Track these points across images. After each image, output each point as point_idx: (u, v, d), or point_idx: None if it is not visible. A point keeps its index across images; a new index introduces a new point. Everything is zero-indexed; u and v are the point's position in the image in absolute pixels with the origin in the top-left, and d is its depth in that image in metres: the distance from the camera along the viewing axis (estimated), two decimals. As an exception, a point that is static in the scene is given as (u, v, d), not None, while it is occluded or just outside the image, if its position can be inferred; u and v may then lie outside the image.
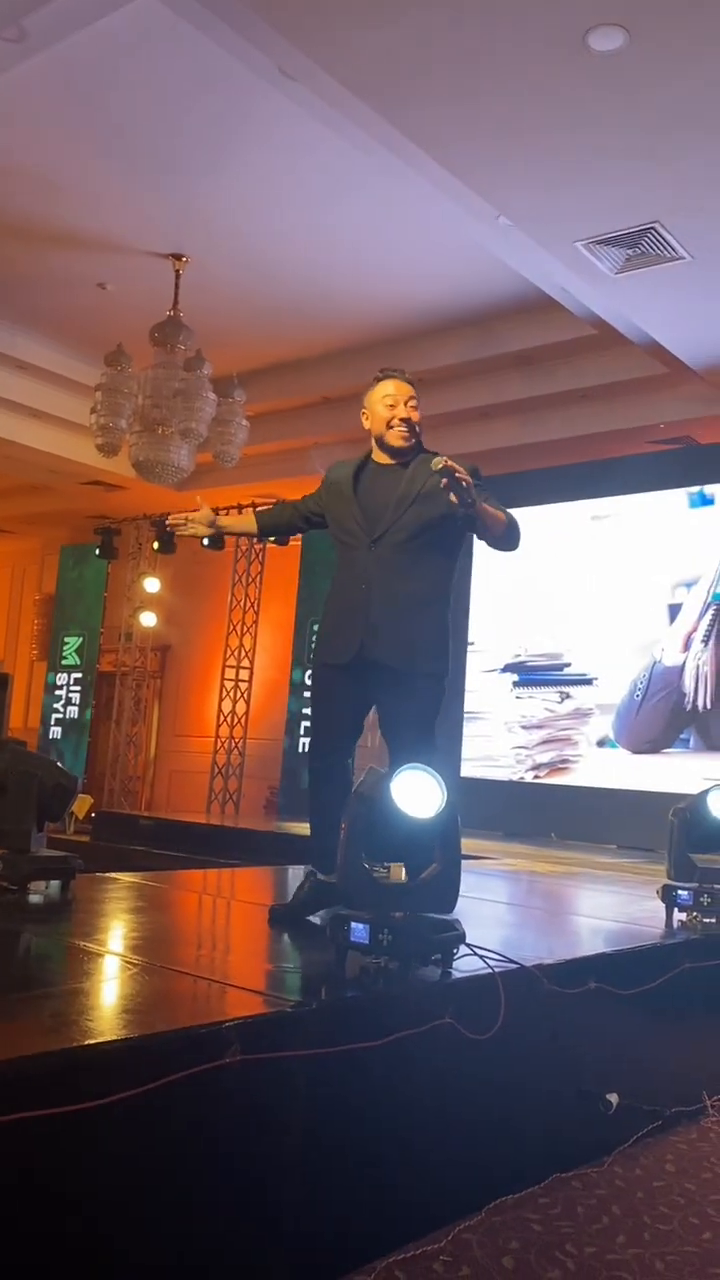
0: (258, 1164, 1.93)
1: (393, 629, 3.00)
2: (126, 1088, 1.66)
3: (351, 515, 3.14)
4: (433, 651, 3.05)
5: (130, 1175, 1.72)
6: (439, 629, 3.08)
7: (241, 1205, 1.90)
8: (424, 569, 3.06)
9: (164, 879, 3.96)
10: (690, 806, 3.67)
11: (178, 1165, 1.79)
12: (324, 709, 3.21)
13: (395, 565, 3.04)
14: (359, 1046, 2.08)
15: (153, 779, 12.08)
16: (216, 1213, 1.86)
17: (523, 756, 8.45)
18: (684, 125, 4.59)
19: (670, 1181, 2.66)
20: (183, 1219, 1.80)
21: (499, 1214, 2.37)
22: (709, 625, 7.60)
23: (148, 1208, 1.75)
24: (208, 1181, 1.84)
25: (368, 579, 3.05)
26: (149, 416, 6.91)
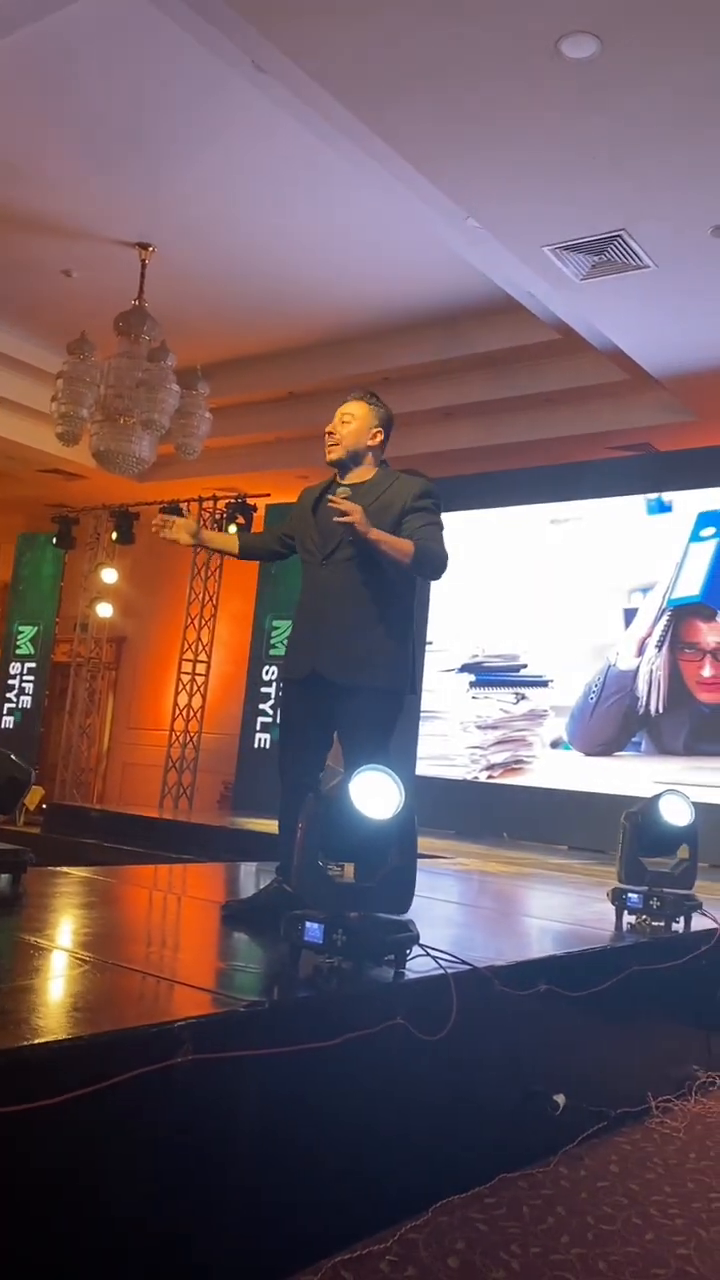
0: (206, 1164, 1.92)
1: (342, 646, 3.03)
2: (75, 1087, 1.64)
3: (309, 534, 3.19)
4: (384, 667, 3.04)
5: (78, 1175, 1.71)
6: (392, 645, 3.07)
7: (188, 1205, 1.89)
8: (375, 586, 3.06)
9: (115, 874, 3.93)
10: (642, 811, 3.71)
11: (126, 1165, 1.78)
12: (285, 724, 3.27)
13: (345, 582, 3.07)
14: (311, 1047, 2.07)
15: (105, 771, 11.98)
16: (163, 1213, 1.85)
17: (477, 756, 8.50)
18: (653, 135, 4.63)
19: (614, 1182, 2.69)
20: (130, 1219, 1.79)
21: (445, 1214, 2.38)
22: (663, 631, 7.69)
23: (95, 1207, 1.74)
24: (156, 1181, 1.83)
25: (321, 596, 3.11)
26: (111, 406, 6.85)
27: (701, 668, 7.50)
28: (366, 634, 3.04)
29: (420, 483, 3.16)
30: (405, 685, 3.10)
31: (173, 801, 10.49)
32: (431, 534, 3.07)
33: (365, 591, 3.05)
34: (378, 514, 3.04)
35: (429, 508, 3.10)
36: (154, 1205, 1.83)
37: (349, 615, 3.05)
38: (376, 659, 3.03)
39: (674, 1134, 3.06)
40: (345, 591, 3.06)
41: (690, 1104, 3.32)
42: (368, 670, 3.02)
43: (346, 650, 3.03)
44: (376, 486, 3.14)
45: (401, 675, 3.09)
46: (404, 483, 3.15)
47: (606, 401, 7.85)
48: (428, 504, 3.11)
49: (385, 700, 3.07)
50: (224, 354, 8.43)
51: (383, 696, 3.06)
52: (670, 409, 7.58)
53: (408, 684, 3.11)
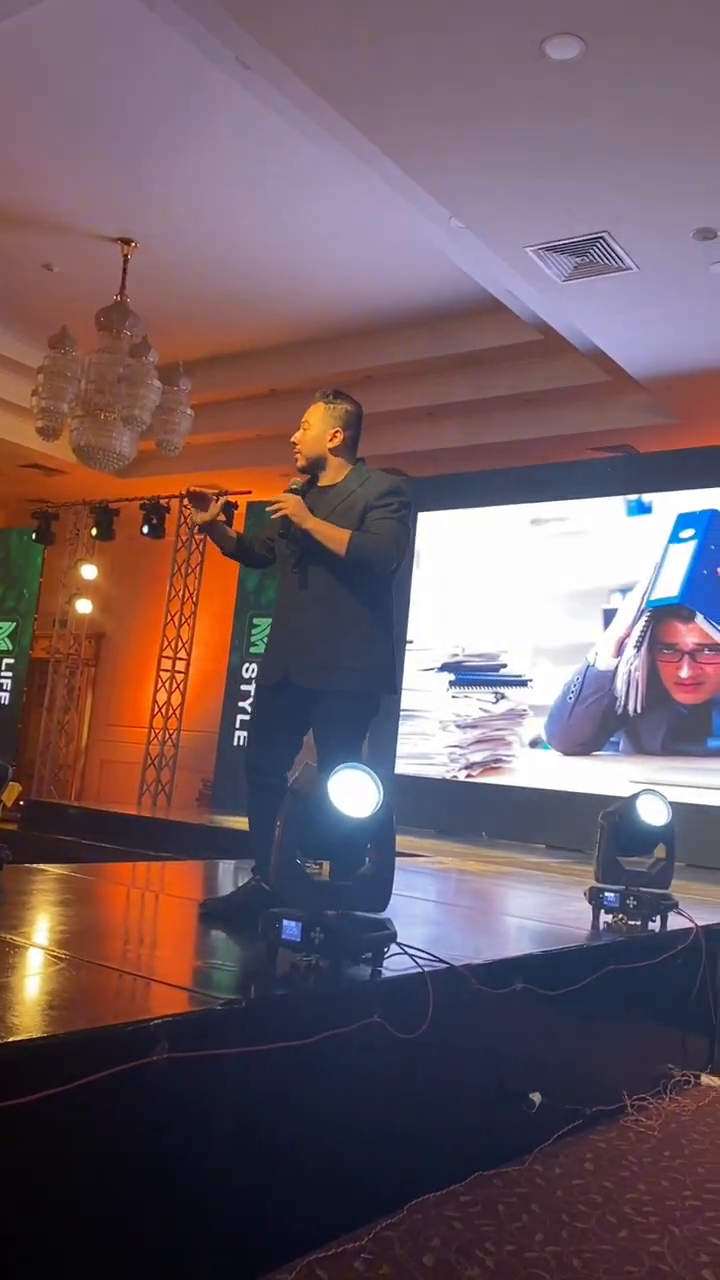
0: (182, 1162, 1.92)
1: (311, 649, 3.02)
2: (50, 1085, 1.64)
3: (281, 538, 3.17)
4: (354, 670, 3.01)
5: (52, 1174, 1.70)
6: (364, 646, 3.03)
7: (164, 1203, 1.89)
8: (346, 588, 3.03)
9: (93, 871, 3.91)
10: (619, 810, 3.73)
11: (101, 1164, 1.77)
12: (254, 723, 3.27)
13: (314, 585, 3.05)
14: (287, 1045, 2.07)
15: (84, 768, 11.93)
16: (139, 1211, 1.84)
17: (456, 755, 8.51)
18: (636, 137, 4.65)
19: (589, 1180, 2.70)
20: (105, 1218, 1.78)
21: (420, 1212, 2.38)
22: (642, 631, 7.73)
23: (70, 1206, 1.73)
24: (131, 1180, 1.83)
25: (292, 599, 3.10)
26: (92, 401, 6.82)
27: (680, 668, 7.54)
28: (335, 636, 3.01)
29: (386, 481, 3.13)
30: (379, 687, 3.07)
31: (151, 799, 10.45)
32: (381, 528, 3.02)
33: (334, 593, 3.03)
34: (343, 515, 3.03)
35: (389, 504, 3.06)
36: (128, 1205, 1.82)
37: (317, 618, 3.03)
38: (346, 662, 3.01)
39: (649, 1132, 3.08)
40: (314, 594, 3.05)
41: (665, 1102, 3.35)
42: (336, 673, 3.00)
43: (315, 654, 3.01)
44: (345, 487, 3.12)
45: (374, 677, 3.06)
46: (372, 482, 3.12)
47: (588, 403, 7.88)
48: (390, 501, 3.06)
49: (356, 703, 3.05)
50: (206, 350, 8.41)
51: (353, 699, 3.04)
52: (651, 411, 7.62)
53: (382, 686, 3.08)
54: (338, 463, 3.17)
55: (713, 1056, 3.77)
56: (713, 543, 7.45)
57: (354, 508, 3.05)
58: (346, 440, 3.17)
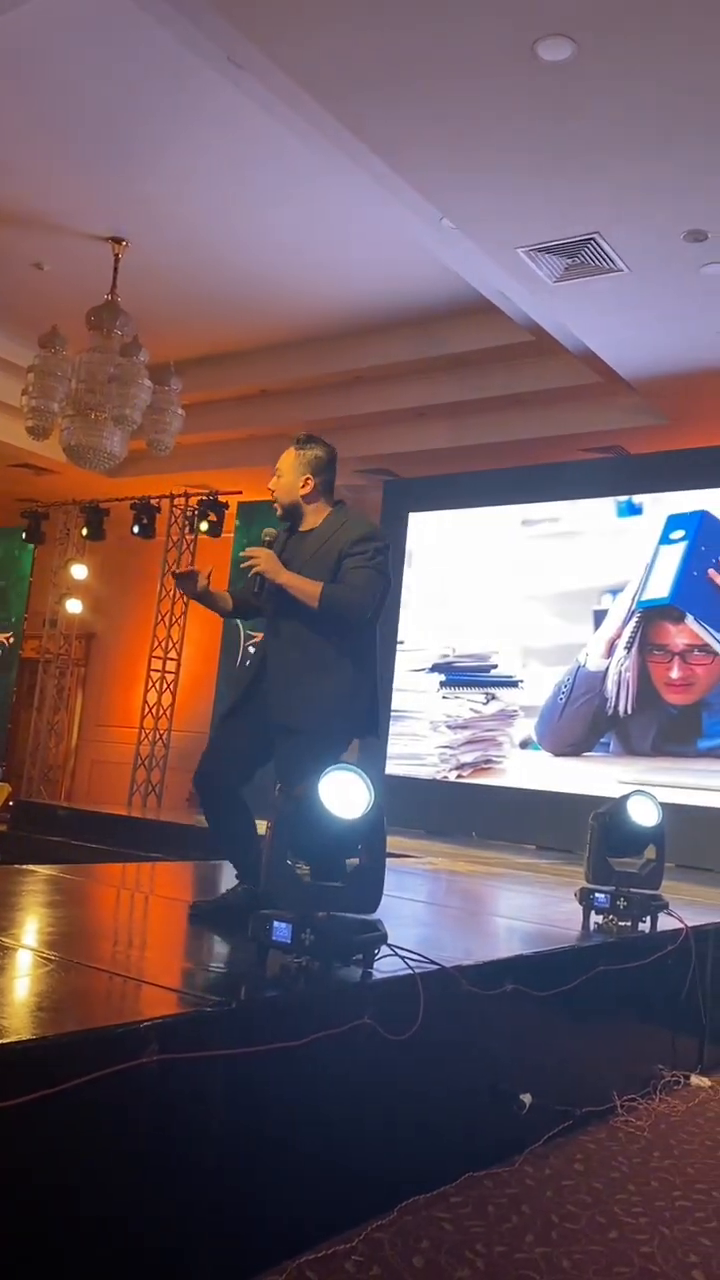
0: (172, 1163, 1.91)
1: (283, 690, 3.05)
2: (40, 1088, 1.63)
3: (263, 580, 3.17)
4: (323, 713, 3.01)
5: (45, 1175, 1.69)
6: (333, 689, 3.02)
7: (155, 1204, 1.88)
8: (320, 635, 3.03)
9: (83, 872, 3.90)
10: (610, 811, 3.73)
11: (93, 1165, 1.77)
12: (212, 743, 3.30)
13: (290, 632, 3.07)
14: (278, 1047, 2.07)
15: (74, 768, 11.90)
16: (131, 1213, 1.84)
17: (447, 756, 8.52)
18: (627, 139, 4.65)
19: (579, 1181, 2.70)
20: (97, 1220, 1.78)
21: (411, 1213, 2.38)
22: (632, 632, 7.74)
23: (63, 1208, 1.73)
24: (123, 1181, 1.82)
25: (268, 640, 3.15)
26: (82, 401, 6.79)
27: (670, 669, 7.56)
28: (305, 679, 3.03)
29: (361, 527, 3.14)
30: (355, 730, 3.09)
31: (141, 799, 10.43)
32: (357, 577, 3.03)
33: (309, 641, 3.04)
34: (319, 561, 3.05)
35: (364, 552, 3.06)
36: (120, 1206, 1.82)
37: (289, 660, 3.06)
38: (313, 704, 3.00)
39: (638, 1133, 3.09)
40: (286, 636, 3.08)
41: (655, 1103, 3.35)
42: (302, 713, 3.01)
43: (286, 694, 3.04)
44: (322, 533, 3.13)
45: (345, 718, 3.05)
46: (348, 528, 3.12)
47: (579, 404, 7.88)
48: (365, 549, 3.07)
49: (323, 744, 2.98)
50: (197, 350, 8.39)
51: (319, 740, 2.99)
52: (642, 412, 7.63)
53: (359, 729, 3.09)
54: (314, 508, 3.18)
55: (702, 1057, 3.78)
56: (703, 544, 7.47)
57: (330, 554, 3.07)
58: (318, 486, 3.17)
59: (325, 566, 3.04)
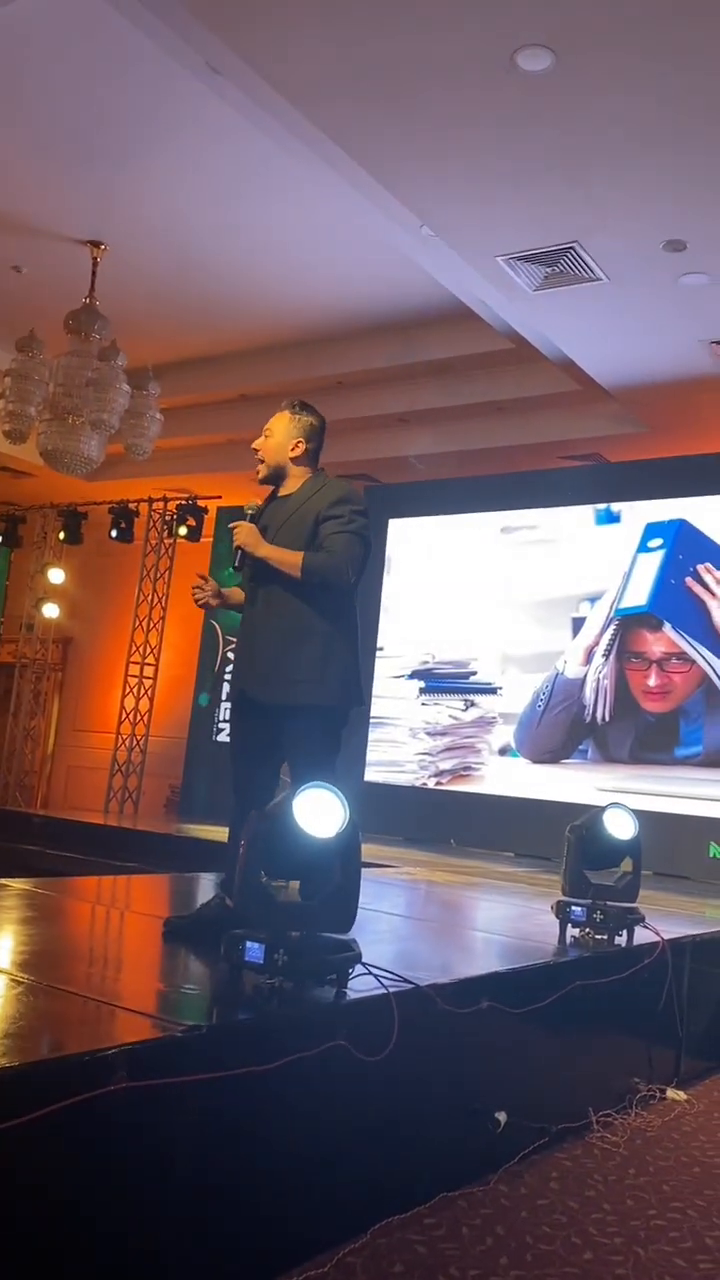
0: (141, 1192, 1.88)
1: (268, 666, 3.01)
2: (7, 1118, 1.60)
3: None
4: (313, 684, 2.98)
5: (9, 1207, 1.66)
6: (321, 660, 2.99)
7: (123, 1234, 1.85)
8: (302, 603, 3.00)
9: (57, 886, 3.85)
10: (586, 824, 3.73)
11: (58, 1195, 1.74)
12: (233, 741, 3.22)
13: (271, 602, 3.04)
14: (250, 1071, 2.04)
15: (50, 774, 11.81)
16: (97, 1243, 1.81)
17: (426, 763, 8.50)
18: (606, 149, 4.66)
19: (554, 1200, 2.69)
20: (63, 1249, 1.75)
21: (385, 1235, 2.36)
22: (610, 640, 7.76)
23: (29, 1238, 1.69)
24: (89, 1211, 1.79)
25: (249, 614, 3.10)
26: (59, 405, 6.75)
27: (648, 677, 7.58)
28: (292, 652, 2.99)
29: (339, 489, 3.11)
30: (340, 700, 3.03)
31: (118, 805, 10.37)
32: (336, 542, 3.00)
33: (289, 609, 3.01)
34: (295, 525, 3.03)
35: (342, 515, 3.03)
36: (86, 1238, 1.78)
37: (272, 635, 3.02)
38: (302, 676, 2.97)
39: (614, 1149, 3.08)
40: (269, 611, 3.04)
41: (631, 1118, 3.34)
42: (293, 689, 2.97)
43: (272, 670, 3.00)
44: (299, 497, 3.11)
45: (336, 690, 3.02)
46: (325, 490, 3.10)
47: (558, 411, 7.89)
48: (342, 511, 3.04)
49: (317, 718, 3.01)
50: (175, 354, 8.35)
51: (313, 714, 3.00)
52: (621, 420, 7.65)
53: (344, 698, 3.04)
54: (298, 471, 3.17)
55: (678, 1070, 3.78)
56: (680, 552, 7.49)
57: (306, 517, 3.05)
58: (308, 451, 3.18)
59: (303, 528, 3.02)
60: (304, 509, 3.07)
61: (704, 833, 7.06)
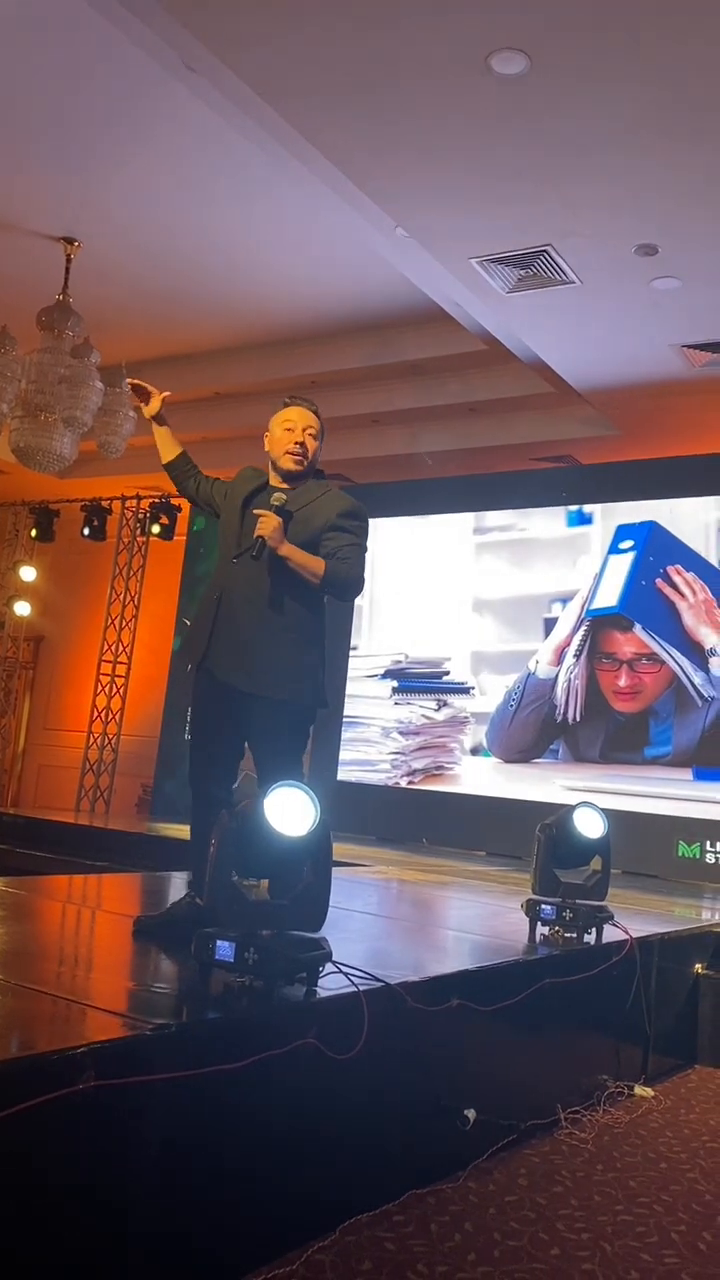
0: (108, 1191, 1.88)
1: (253, 654, 2.97)
2: (-27, 1118, 1.60)
3: (233, 524, 3.13)
4: (295, 679, 2.99)
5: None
6: (302, 656, 3.02)
7: (90, 1233, 1.85)
8: (291, 593, 3.01)
9: (27, 885, 3.83)
10: (556, 823, 3.75)
11: (25, 1194, 1.73)
12: (197, 730, 3.13)
13: (250, 583, 3.00)
14: (219, 1069, 2.05)
15: (20, 773, 11.74)
16: (63, 1243, 1.80)
17: (399, 762, 8.52)
18: (579, 153, 4.69)
19: (522, 1196, 2.71)
20: (29, 1247, 1.74)
21: (353, 1233, 2.37)
22: (581, 640, 7.81)
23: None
24: (55, 1210, 1.79)
25: (234, 594, 3.03)
26: (32, 402, 6.71)
27: (618, 678, 7.63)
28: (278, 643, 2.99)
29: (348, 501, 3.13)
30: (317, 699, 3.07)
31: (90, 804, 10.32)
32: (349, 555, 3.04)
33: (280, 598, 3.00)
34: (302, 523, 3.02)
35: (353, 529, 3.08)
36: (49, 1238, 1.78)
37: (261, 621, 2.99)
38: (287, 669, 2.98)
39: (582, 1145, 3.10)
40: (260, 595, 2.99)
41: (599, 1114, 3.37)
42: (281, 683, 2.97)
43: (257, 659, 2.97)
44: (307, 494, 3.10)
45: (312, 688, 3.05)
46: (333, 497, 3.12)
47: (531, 413, 7.94)
48: (352, 525, 3.08)
49: (300, 715, 3.05)
50: (149, 352, 8.33)
51: (298, 711, 3.03)
52: (593, 423, 7.70)
53: (317, 698, 3.07)
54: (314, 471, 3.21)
55: (646, 1067, 3.82)
56: (651, 554, 7.55)
57: (312, 519, 3.05)
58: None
59: (306, 530, 3.02)
60: (311, 509, 3.06)
61: (672, 832, 7.13)
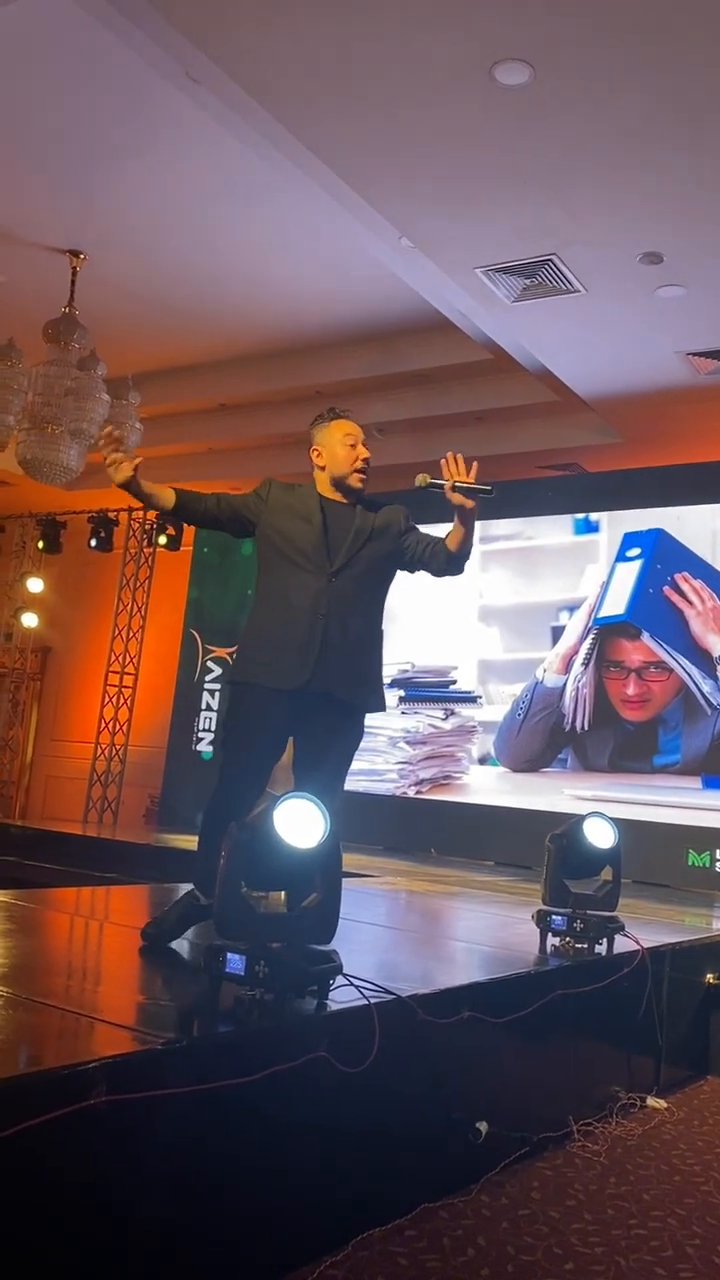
0: (120, 1207, 1.87)
1: (346, 663, 3.01)
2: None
3: (307, 539, 3.05)
4: (377, 688, 3.13)
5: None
6: (380, 666, 3.16)
7: (100, 1248, 1.84)
8: (373, 606, 3.12)
9: (36, 898, 3.83)
10: (566, 834, 3.73)
11: (38, 1211, 1.72)
12: (256, 730, 3.03)
13: (352, 599, 3.05)
14: (230, 1084, 2.04)
15: (28, 784, 11.75)
16: (74, 1258, 1.79)
17: (406, 772, 8.51)
18: (583, 162, 4.70)
19: (535, 1209, 2.69)
20: (41, 1262, 1.73)
21: (365, 1248, 2.35)
22: (589, 648, 7.79)
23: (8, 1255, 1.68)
24: (68, 1226, 1.78)
25: (326, 608, 2.98)
26: (38, 414, 6.73)
27: (626, 686, 7.61)
28: (373, 653, 3.11)
29: (401, 508, 3.29)
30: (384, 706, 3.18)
31: (97, 815, 10.31)
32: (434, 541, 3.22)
33: (373, 609, 3.12)
34: (383, 530, 3.14)
35: (415, 528, 3.27)
36: (63, 1254, 1.77)
37: (361, 632, 3.06)
38: (376, 678, 3.12)
39: (595, 1158, 3.08)
40: (352, 608, 3.04)
41: (611, 1126, 3.35)
42: (375, 692, 3.10)
43: (351, 668, 3.02)
44: (368, 510, 3.19)
45: (384, 696, 3.19)
46: (392, 506, 3.25)
47: (537, 422, 7.94)
48: (414, 526, 3.27)
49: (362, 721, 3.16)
50: (155, 364, 8.35)
51: (364, 716, 3.15)
52: (599, 431, 7.70)
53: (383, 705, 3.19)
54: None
55: (658, 1078, 3.79)
56: (659, 562, 7.54)
57: (388, 527, 3.17)
58: None
59: (387, 536, 3.14)
60: (383, 519, 3.18)
61: (682, 841, 7.10)
